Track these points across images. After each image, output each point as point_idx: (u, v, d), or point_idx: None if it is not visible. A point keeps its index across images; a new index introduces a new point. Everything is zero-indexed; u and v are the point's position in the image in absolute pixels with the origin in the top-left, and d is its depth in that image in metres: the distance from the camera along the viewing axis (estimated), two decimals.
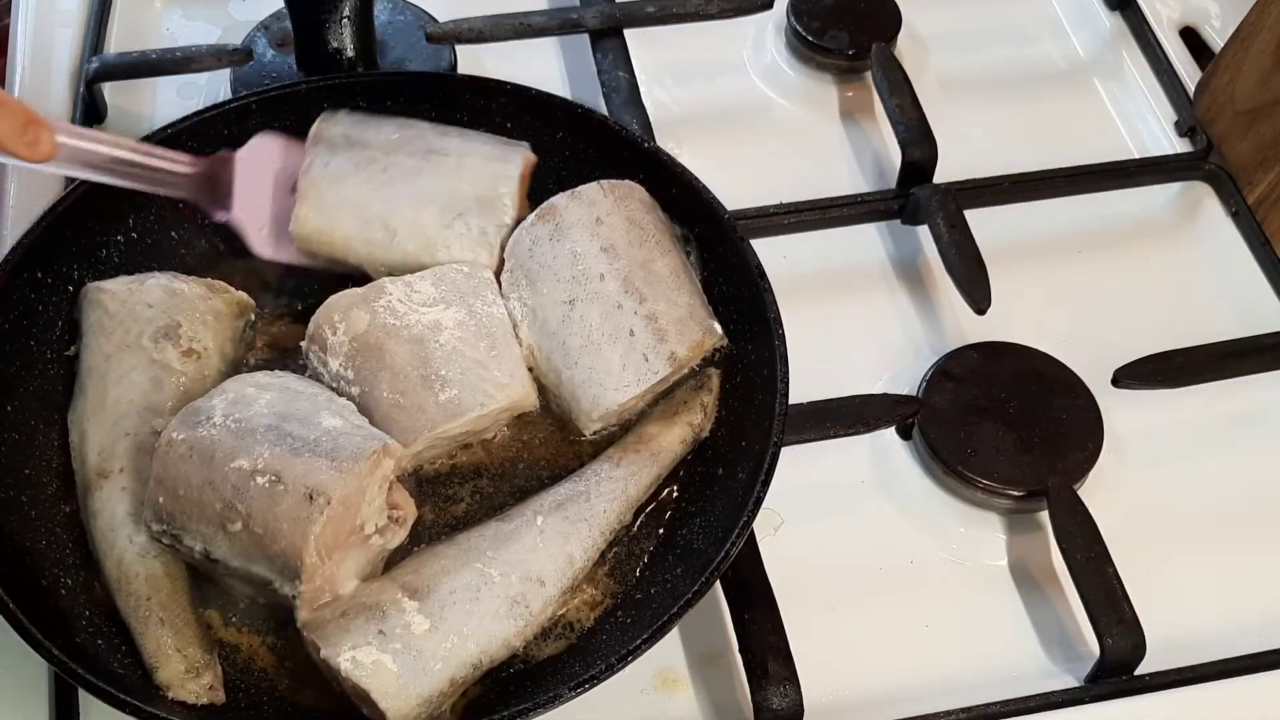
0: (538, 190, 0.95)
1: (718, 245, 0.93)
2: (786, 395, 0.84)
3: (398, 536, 0.83)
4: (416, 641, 0.76)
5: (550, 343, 0.89)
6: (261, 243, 0.93)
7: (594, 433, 0.89)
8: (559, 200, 0.91)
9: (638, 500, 0.86)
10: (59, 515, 0.85)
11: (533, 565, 0.81)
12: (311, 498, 0.75)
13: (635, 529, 0.87)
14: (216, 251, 0.97)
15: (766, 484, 0.81)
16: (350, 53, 1.06)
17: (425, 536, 0.86)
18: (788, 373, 0.85)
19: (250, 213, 0.92)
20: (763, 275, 0.89)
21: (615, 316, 0.88)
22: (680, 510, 0.88)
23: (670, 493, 0.89)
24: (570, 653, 0.82)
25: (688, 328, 0.88)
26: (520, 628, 0.79)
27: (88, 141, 0.83)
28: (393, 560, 0.83)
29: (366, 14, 1.05)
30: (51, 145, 0.79)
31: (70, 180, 0.90)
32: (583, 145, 0.97)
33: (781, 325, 0.87)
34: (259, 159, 0.94)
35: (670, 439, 0.88)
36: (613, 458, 0.87)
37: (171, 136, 0.93)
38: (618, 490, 0.85)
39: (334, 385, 0.86)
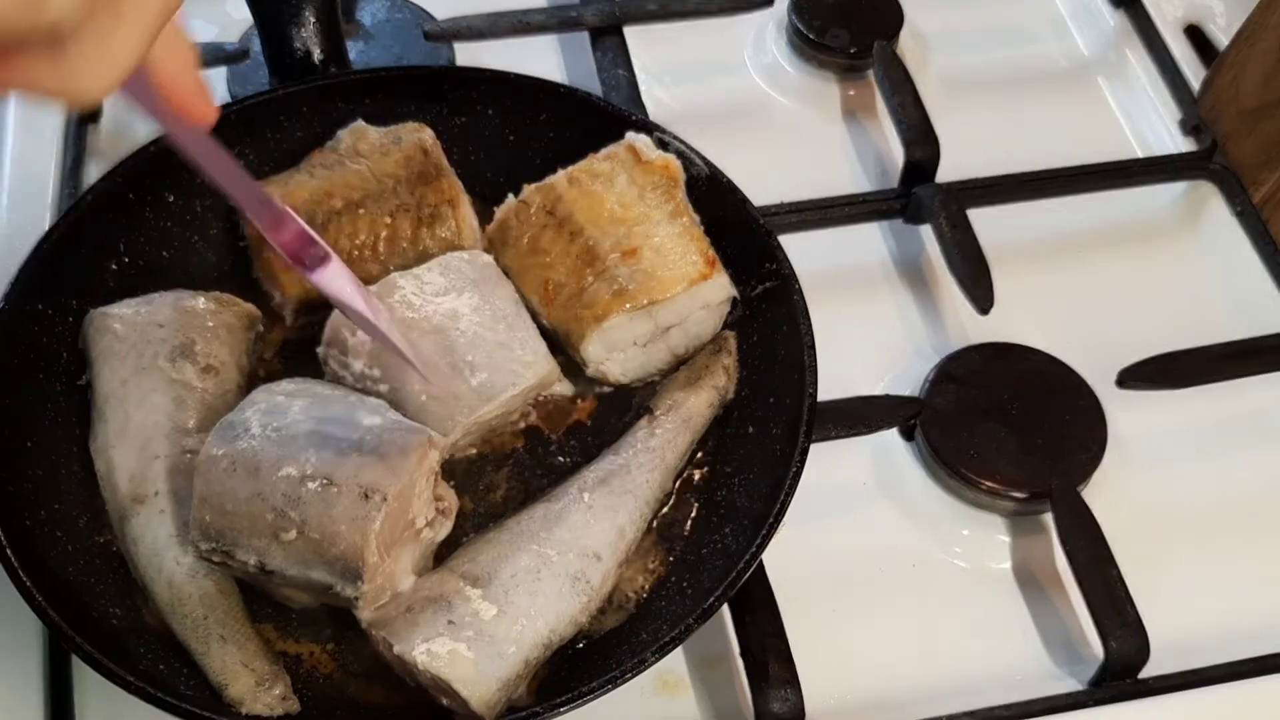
0: (526, 176, 0.94)
1: (716, 205, 0.93)
2: (813, 347, 0.85)
3: (445, 528, 0.83)
4: (487, 627, 0.76)
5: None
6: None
7: None
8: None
9: (676, 467, 0.88)
10: (94, 547, 0.84)
11: (587, 541, 0.82)
12: (367, 496, 0.74)
13: (675, 496, 0.88)
14: (209, 267, 0.96)
15: (809, 435, 0.82)
16: (319, 55, 1.04)
17: (469, 526, 0.86)
18: (811, 325, 0.86)
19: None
20: (770, 234, 0.89)
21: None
22: (716, 472, 0.90)
23: (704, 457, 0.90)
24: (631, 622, 0.83)
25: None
26: (584, 603, 0.80)
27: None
28: (439, 554, 0.83)
29: (332, 13, 1.03)
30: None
31: (58, 212, 0.88)
32: (567, 124, 0.97)
33: (797, 280, 0.87)
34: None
35: (699, 403, 0.89)
36: (647, 428, 0.88)
37: (154, 155, 0.91)
38: (656, 460, 0.86)
39: (359, 386, 0.85)
